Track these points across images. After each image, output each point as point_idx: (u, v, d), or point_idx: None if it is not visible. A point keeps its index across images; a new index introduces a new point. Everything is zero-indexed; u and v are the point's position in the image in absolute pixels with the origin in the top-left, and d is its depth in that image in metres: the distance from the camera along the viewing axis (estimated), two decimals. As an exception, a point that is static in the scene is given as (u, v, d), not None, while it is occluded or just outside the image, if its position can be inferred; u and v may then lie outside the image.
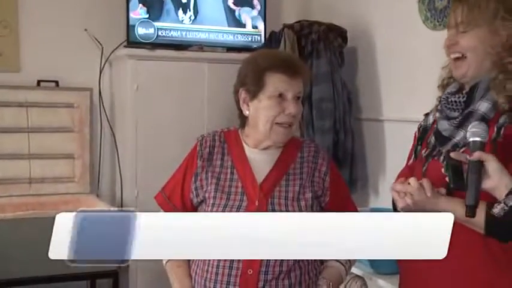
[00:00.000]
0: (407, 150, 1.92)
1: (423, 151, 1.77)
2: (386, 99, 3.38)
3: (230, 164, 1.90)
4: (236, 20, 3.80)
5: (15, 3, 3.59)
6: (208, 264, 1.82)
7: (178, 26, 3.65)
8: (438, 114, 1.76)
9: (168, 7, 3.63)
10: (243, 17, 3.82)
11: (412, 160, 1.82)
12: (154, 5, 3.60)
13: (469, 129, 1.51)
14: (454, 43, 1.68)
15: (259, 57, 1.92)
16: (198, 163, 1.91)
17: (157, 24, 3.58)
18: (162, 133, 3.52)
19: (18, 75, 3.60)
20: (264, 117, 1.84)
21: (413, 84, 3.06)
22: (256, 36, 3.82)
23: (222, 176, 1.88)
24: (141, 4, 3.55)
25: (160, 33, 3.58)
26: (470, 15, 1.64)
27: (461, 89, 1.72)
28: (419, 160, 1.78)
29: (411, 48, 3.10)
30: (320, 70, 3.37)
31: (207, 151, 1.92)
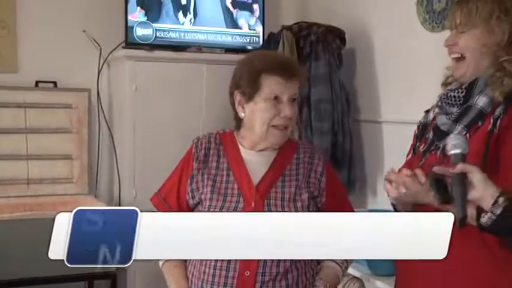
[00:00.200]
0: (405, 151, 1.92)
1: (421, 147, 1.79)
2: (384, 100, 3.39)
3: (226, 166, 1.90)
4: (234, 22, 3.81)
5: (13, 4, 3.60)
6: (205, 265, 1.82)
7: (176, 27, 3.65)
8: (438, 109, 1.78)
9: (167, 9, 3.63)
10: (241, 23, 3.82)
11: (411, 156, 1.84)
12: (152, 8, 3.60)
13: (449, 142, 1.53)
14: (453, 44, 1.71)
15: (254, 58, 1.90)
16: (194, 165, 1.91)
17: (155, 25, 3.58)
18: (161, 134, 3.52)
19: (16, 76, 3.61)
20: (260, 119, 1.83)
21: (411, 85, 3.07)
22: (254, 37, 3.82)
23: (218, 178, 1.88)
24: (139, 7, 3.55)
25: (158, 34, 3.58)
26: (467, 16, 1.67)
27: (459, 87, 1.74)
28: (417, 156, 1.80)
29: (409, 49, 3.11)
30: (318, 71, 3.38)
31: (203, 153, 1.92)
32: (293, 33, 3.47)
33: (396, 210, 1.75)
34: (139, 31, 3.53)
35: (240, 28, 3.81)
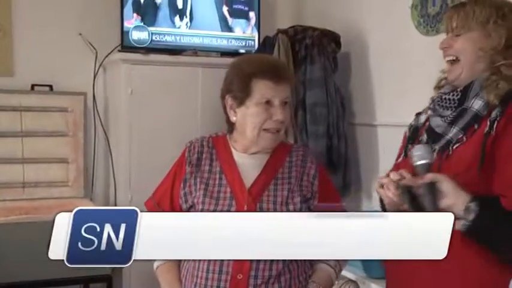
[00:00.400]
0: (400, 154, 1.93)
1: None
2: (379, 104, 3.40)
3: (218, 169, 1.90)
4: (230, 28, 3.81)
5: (9, 7, 3.60)
6: (198, 268, 1.82)
7: (172, 31, 3.66)
8: (431, 112, 1.78)
9: (164, 14, 3.64)
10: (237, 30, 3.83)
11: (402, 159, 1.83)
12: (148, 13, 3.60)
13: (413, 153, 1.56)
14: (448, 46, 1.72)
15: (243, 63, 1.90)
16: (187, 169, 1.92)
17: (151, 29, 3.58)
18: (156, 137, 3.52)
19: (12, 79, 3.61)
20: (252, 123, 1.83)
21: (406, 89, 3.08)
22: (250, 41, 3.83)
23: (211, 182, 1.88)
24: (136, 13, 3.56)
25: (154, 38, 3.59)
26: (464, 19, 1.68)
27: (454, 90, 1.74)
28: (409, 158, 1.78)
29: (404, 53, 3.12)
30: (314, 75, 3.39)
31: (196, 157, 1.92)
32: (288, 36, 3.48)
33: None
34: (135, 35, 3.54)
35: (236, 32, 3.82)
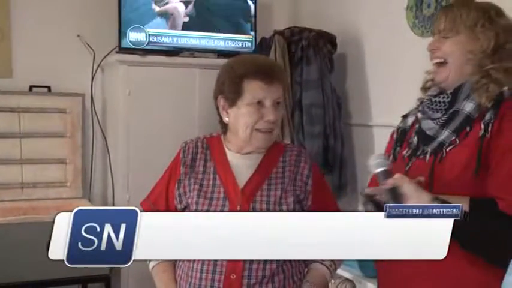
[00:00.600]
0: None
1: (404, 152, 1.80)
2: (375, 104, 3.42)
3: (212, 170, 1.90)
4: (227, 26, 3.81)
5: (7, 9, 3.60)
6: (192, 269, 1.83)
7: (169, 32, 3.66)
8: (421, 114, 1.80)
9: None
10: (233, 32, 3.82)
11: (391, 161, 1.81)
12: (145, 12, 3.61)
13: (370, 162, 1.60)
14: (436, 48, 1.73)
15: (235, 63, 1.89)
16: (181, 170, 1.92)
17: (148, 30, 3.59)
18: (154, 138, 3.52)
19: (10, 80, 3.61)
20: (244, 124, 1.83)
21: (401, 89, 3.09)
22: (246, 42, 3.82)
23: (205, 182, 1.88)
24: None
25: (151, 39, 3.59)
26: (452, 22, 1.70)
27: (442, 93, 1.75)
28: (399, 161, 1.81)
29: (399, 54, 3.14)
30: (310, 76, 3.41)
31: (190, 158, 1.93)
32: (285, 38, 3.50)
33: None
34: (132, 36, 3.54)
35: (233, 32, 3.81)
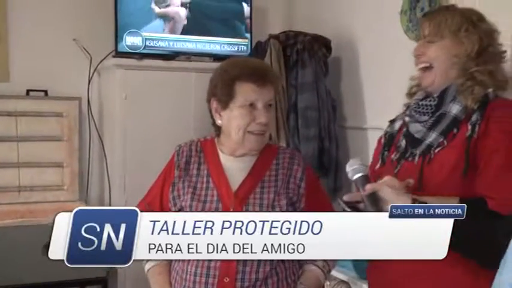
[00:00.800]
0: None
1: (393, 155, 1.82)
2: (369, 107, 3.44)
3: (206, 173, 1.91)
4: (222, 30, 3.83)
5: (4, 13, 3.61)
6: (186, 272, 1.84)
7: (165, 36, 3.67)
8: (408, 118, 1.82)
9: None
10: (229, 36, 3.83)
11: (379, 165, 1.87)
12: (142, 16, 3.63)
13: (348, 168, 1.62)
14: (421, 53, 1.77)
15: (228, 66, 1.91)
16: (176, 173, 1.93)
17: (145, 34, 3.60)
18: (150, 141, 3.53)
19: (7, 84, 3.61)
20: (236, 126, 1.85)
21: (395, 92, 3.07)
22: (242, 46, 3.83)
23: (198, 185, 1.89)
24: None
25: (148, 43, 3.60)
26: (436, 28, 1.73)
27: (428, 96, 1.78)
28: (388, 164, 1.83)
29: (394, 57, 3.15)
30: (305, 79, 3.42)
31: (184, 161, 1.94)
32: (280, 41, 3.51)
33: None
34: (128, 40, 3.55)
35: (229, 36, 3.82)
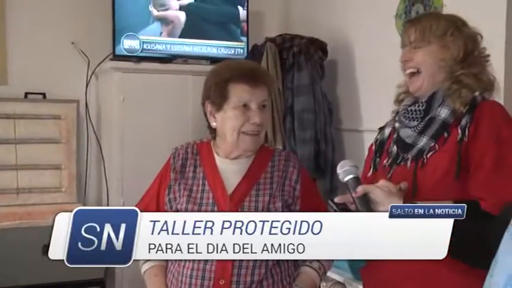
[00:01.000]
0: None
1: (385, 161, 1.84)
2: (365, 110, 3.46)
3: (202, 175, 1.91)
4: (219, 33, 3.86)
5: (2, 16, 3.62)
6: (182, 274, 1.84)
7: (163, 40, 3.69)
8: (398, 124, 1.84)
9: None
10: (226, 39, 3.86)
11: (372, 172, 1.88)
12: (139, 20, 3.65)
13: (340, 170, 1.62)
14: (408, 59, 1.78)
15: (221, 69, 1.91)
16: (171, 175, 1.93)
17: (142, 37, 3.62)
18: (148, 144, 3.55)
19: (6, 87, 3.63)
20: (230, 127, 1.85)
21: (391, 95, 3.11)
22: (239, 49, 3.86)
23: (194, 188, 1.89)
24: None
25: (145, 46, 3.62)
26: (422, 34, 1.75)
27: (416, 102, 1.80)
28: (380, 170, 1.84)
29: (389, 60, 3.14)
30: (301, 82, 3.44)
31: (180, 163, 1.94)
32: (276, 45, 3.53)
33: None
34: (126, 43, 3.57)
35: (225, 39, 3.85)
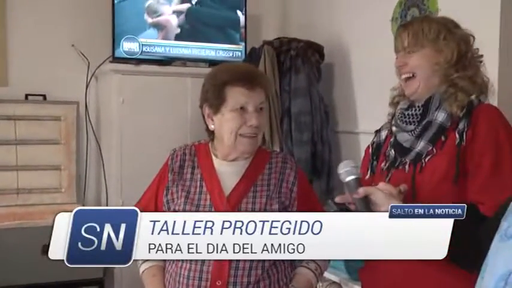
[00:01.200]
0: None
1: (382, 164, 1.84)
2: (361, 112, 3.49)
3: (199, 177, 1.92)
4: (217, 36, 3.89)
5: (3, 17, 3.64)
6: (179, 275, 1.85)
7: (162, 42, 3.72)
8: (395, 128, 1.85)
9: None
10: (224, 42, 3.89)
11: (369, 175, 1.88)
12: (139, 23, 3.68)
13: (340, 170, 1.60)
14: (403, 64, 1.79)
15: (218, 72, 1.92)
16: (169, 177, 1.94)
17: (141, 40, 3.65)
18: (147, 145, 3.57)
19: (6, 89, 3.65)
20: (228, 129, 1.86)
21: (386, 98, 3.11)
22: (237, 52, 3.89)
23: (192, 189, 1.90)
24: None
25: (144, 49, 3.65)
26: (415, 38, 1.76)
27: (412, 105, 1.81)
28: (378, 174, 1.85)
29: (385, 64, 3.16)
30: (298, 85, 3.47)
31: (178, 165, 1.95)
32: (274, 48, 3.55)
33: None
34: (125, 46, 3.60)
35: (224, 42, 3.88)
